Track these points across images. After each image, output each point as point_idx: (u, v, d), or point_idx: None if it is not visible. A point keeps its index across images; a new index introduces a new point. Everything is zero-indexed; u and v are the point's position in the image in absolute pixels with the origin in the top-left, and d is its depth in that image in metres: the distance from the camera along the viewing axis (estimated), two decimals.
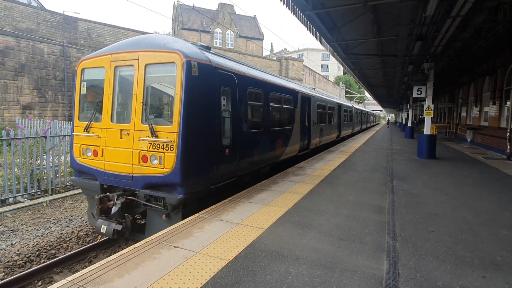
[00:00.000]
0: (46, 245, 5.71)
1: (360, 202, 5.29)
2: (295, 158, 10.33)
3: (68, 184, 8.99)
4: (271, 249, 3.47)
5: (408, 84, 17.19)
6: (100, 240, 5.69)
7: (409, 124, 23.00)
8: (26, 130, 8.16)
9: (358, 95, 66.75)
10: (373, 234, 3.92)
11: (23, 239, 5.93)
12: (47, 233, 6.27)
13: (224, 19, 49.85)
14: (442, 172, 8.30)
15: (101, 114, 5.24)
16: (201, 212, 4.73)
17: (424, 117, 11.56)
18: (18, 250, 5.46)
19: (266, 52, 61.83)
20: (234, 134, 5.90)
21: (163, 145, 4.65)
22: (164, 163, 4.64)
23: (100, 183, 5.25)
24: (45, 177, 8.36)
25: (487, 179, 7.46)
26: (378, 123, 74.09)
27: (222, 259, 3.24)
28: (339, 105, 17.89)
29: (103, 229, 4.92)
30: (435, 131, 20.85)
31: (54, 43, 21.39)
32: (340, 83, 59.29)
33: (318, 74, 55.10)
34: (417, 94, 12.21)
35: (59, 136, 8.82)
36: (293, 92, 9.65)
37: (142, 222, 5.80)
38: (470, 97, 18.49)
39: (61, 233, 6.23)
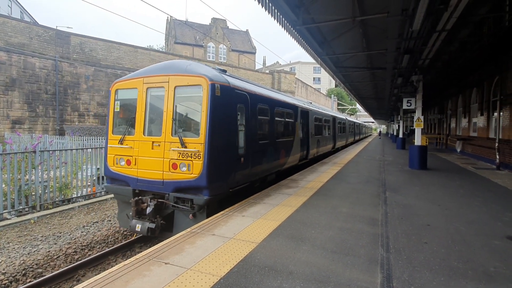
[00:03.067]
0: (33, 264, 5.53)
1: (353, 214, 5.28)
2: (296, 166, 11.11)
3: (57, 199, 8.80)
4: (264, 264, 3.41)
5: (398, 96, 17.51)
6: (135, 238, 6.56)
7: (400, 135, 23.30)
8: (15, 145, 8.02)
9: (350, 107, 67.65)
10: (366, 247, 3.89)
11: (9, 257, 5.73)
12: (34, 251, 6.08)
13: (217, 33, 50.57)
14: (434, 183, 8.37)
15: (134, 128, 6.08)
16: (193, 227, 4.66)
17: (415, 128, 11.73)
18: (3, 269, 5.27)
19: (258, 66, 62.64)
20: (247, 144, 6.74)
21: (191, 154, 5.50)
22: (192, 170, 5.48)
23: (133, 188, 5.98)
24: (33, 193, 8.18)
25: (478, 189, 7.53)
26: (370, 135, 74.87)
27: (214, 275, 3.17)
28: (334, 118, 18.78)
29: (138, 227, 5.66)
30: (426, 142, 21.12)
31: (46, 57, 21.35)
32: (332, 95, 60.07)
33: (310, 86, 55.87)
34: (407, 105, 12.42)
35: (49, 151, 8.68)
36: (294, 107, 10.50)
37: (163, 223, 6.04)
38: (459, 108, 18.87)
39: (49, 251, 6.05)
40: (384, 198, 6.50)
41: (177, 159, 5.60)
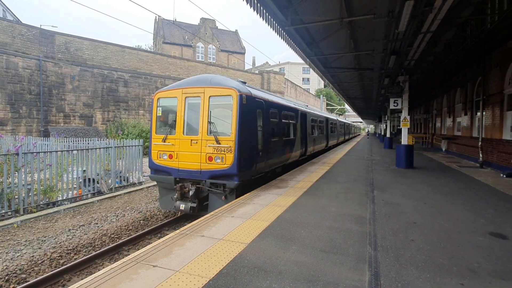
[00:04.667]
0: (16, 269, 5.37)
1: (342, 213, 5.33)
2: (297, 161, 12.76)
3: (41, 203, 8.59)
4: (253, 264, 3.40)
5: (385, 96, 17.79)
6: (179, 215, 8.22)
7: (388, 135, 23.68)
8: None
9: (339, 107, 68.33)
10: (355, 245, 3.93)
11: None
12: (18, 256, 5.91)
13: (206, 33, 50.32)
14: (420, 181, 8.53)
15: (174, 129, 7.55)
16: (182, 229, 4.62)
17: (402, 128, 11.93)
18: None
19: (248, 66, 62.60)
20: (263, 142, 8.33)
21: (224, 149, 7.01)
22: (225, 161, 6.99)
23: (174, 177, 7.47)
24: (16, 196, 7.95)
25: (462, 187, 7.72)
26: (359, 134, 75.84)
27: (203, 277, 3.14)
28: (327, 119, 20.42)
29: (182, 207, 7.17)
30: (412, 141, 21.52)
31: (30, 57, 20.81)
32: (321, 95, 60.54)
33: (300, 87, 56.17)
34: (394, 106, 12.63)
35: (32, 152, 8.46)
36: (295, 110, 12.07)
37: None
38: (444, 108, 19.30)
39: (33, 256, 5.89)
40: (372, 197, 6.59)
41: (212, 153, 7.13)
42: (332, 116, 26.30)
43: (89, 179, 10.50)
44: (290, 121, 11.33)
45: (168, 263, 3.46)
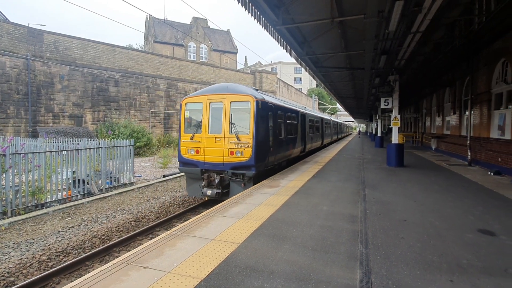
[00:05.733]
0: (4, 272, 5.25)
1: (334, 212, 5.35)
2: (298, 157, 14.49)
3: (29, 204, 8.41)
4: (245, 264, 3.39)
5: (376, 95, 17.96)
6: (206, 199, 9.88)
7: (379, 134, 23.92)
8: None
9: (331, 106, 68.71)
10: (346, 244, 3.95)
11: None
12: (5, 258, 5.77)
13: (198, 33, 50.05)
14: (410, 180, 8.63)
15: (201, 128, 8.90)
16: (173, 229, 4.57)
17: (392, 127, 12.06)
18: None
19: (240, 66, 62.53)
20: (273, 139, 9.85)
21: (243, 145, 8.42)
22: (244, 155, 8.39)
23: (201, 168, 8.83)
24: (3, 198, 7.77)
25: (452, 185, 7.84)
26: (351, 133, 76.39)
27: (195, 277, 3.11)
28: (322, 119, 22.11)
29: (209, 193, 8.52)
30: (403, 140, 21.79)
31: (18, 56, 20.37)
32: (313, 95, 60.76)
33: (292, 86, 56.29)
34: (385, 105, 12.76)
35: (20, 153, 8.28)
36: (296, 112, 13.55)
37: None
38: (433, 107, 19.58)
39: (21, 258, 5.77)
40: (363, 195, 6.63)
41: (233, 148, 8.49)
42: (326, 116, 27.33)
43: (78, 180, 10.33)
44: (293, 122, 12.85)
45: (159, 264, 3.42)
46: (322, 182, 8.23)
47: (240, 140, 8.44)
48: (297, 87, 68.24)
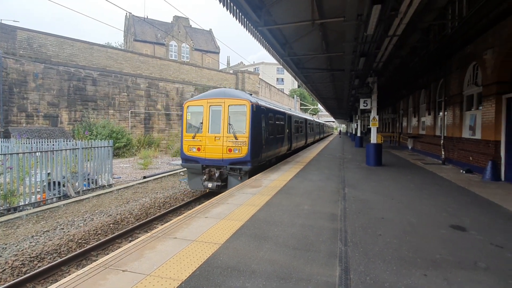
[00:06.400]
0: None
1: (315, 211, 5.43)
2: (285, 154, 15.89)
3: (1, 208, 8.02)
4: (226, 265, 3.38)
5: (356, 96, 18.38)
6: (208, 191, 10.65)
7: (358, 134, 24.46)
8: None
9: (312, 107, 69.64)
10: (326, 242, 4.02)
11: None
12: None
13: (179, 32, 49.40)
14: (388, 178, 8.89)
15: (201, 129, 9.96)
16: (153, 231, 4.50)
17: (371, 127, 12.37)
18: None
19: (222, 66, 62.22)
20: (265, 138, 11.05)
21: (240, 143, 9.56)
22: (241, 152, 9.55)
23: (201, 164, 9.92)
24: None
25: (427, 183, 8.14)
26: (332, 133, 77.65)
27: (175, 279, 3.08)
28: (305, 120, 23.61)
29: (210, 185, 9.63)
30: (381, 140, 22.37)
31: None
32: (295, 95, 61.46)
33: (274, 87, 56.61)
34: (364, 106, 13.08)
35: None
36: (284, 113, 14.89)
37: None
38: (410, 108, 20.25)
39: None
40: (343, 194, 6.77)
41: (231, 146, 9.64)
42: (309, 117, 28.44)
43: (54, 182, 9.95)
44: (281, 122, 14.17)
45: (138, 267, 3.35)
46: (304, 181, 8.34)
47: (237, 139, 9.58)
48: (279, 88, 68.72)
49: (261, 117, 10.62)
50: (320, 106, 67.72)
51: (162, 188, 12.54)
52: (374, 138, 12.03)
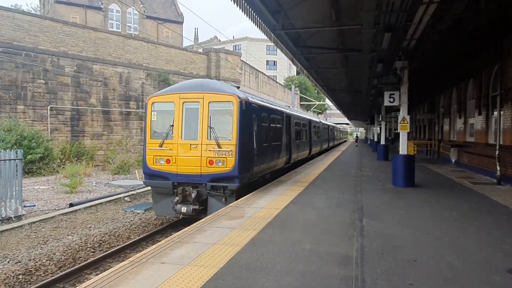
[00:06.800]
0: None
1: (319, 252, 5.53)
2: (282, 168, 16.97)
3: None
4: None
5: (379, 88, 18.80)
6: (181, 217, 10.85)
7: (382, 141, 24.98)
8: None
9: (317, 102, 70.55)
10: None
11: None
12: None
13: None
14: (422, 205, 9.13)
15: (172, 133, 10.54)
16: (85, 284, 4.47)
17: (399, 132, 12.69)
18: None
19: (188, 42, 62.43)
20: (258, 146, 12.00)
21: (225, 152, 10.16)
22: (226, 164, 10.14)
23: (172, 182, 10.47)
24: None
25: (476, 211, 8.42)
26: (345, 140, 78.87)
27: None
28: (309, 121, 25.69)
29: (184, 210, 10.12)
30: (414, 151, 22.90)
31: None
32: (293, 86, 62.21)
33: (262, 73, 57.17)
34: (390, 101, 13.42)
35: None
36: (281, 113, 16.58)
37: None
38: (453, 105, 20.84)
39: None
40: (360, 227, 6.92)
41: (213, 157, 10.20)
42: (314, 118, 30.16)
43: None
44: (277, 125, 15.51)
45: None
46: (305, 209, 8.45)
47: (221, 147, 10.20)
48: (271, 75, 69.50)
49: (253, 118, 11.39)
50: (328, 102, 68.80)
51: (97, 221, 12.39)
52: (404, 147, 12.33)
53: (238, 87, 11.92)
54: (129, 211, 13.92)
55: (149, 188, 13.04)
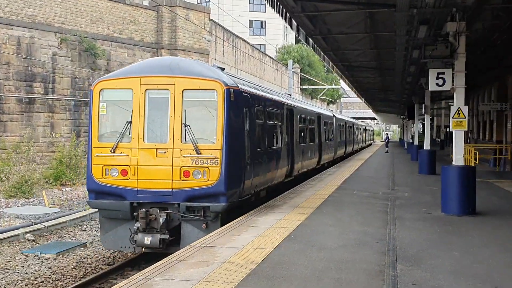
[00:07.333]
0: None
1: None
2: (282, 183, 18.39)
3: None
4: None
5: (421, 65, 18.85)
6: (144, 251, 11.08)
7: (426, 145, 24.92)
8: None
9: (327, 87, 70.68)
10: None
11: None
12: None
13: None
14: (487, 243, 9.09)
15: (130, 133, 10.80)
16: None
17: (452, 131, 12.67)
18: None
19: None
20: (251, 152, 12.78)
21: (207, 160, 10.53)
22: (208, 176, 10.50)
23: (130, 201, 10.73)
24: None
25: None
26: (371, 143, 79.17)
27: None
28: (319, 116, 27.11)
29: (148, 241, 10.24)
30: (475, 159, 22.90)
31: None
32: (290, 61, 62.03)
33: (243, 41, 57.01)
34: (437, 85, 13.39)
35: None
36: (280, 105, 17.95)
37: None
38: None
39: None
40: (392, 277, 6.83)
41: (190, 166, 10.62)
42: (326, 111, 32.02)
43: None
44: (275, 122, 16.74)
45: None
46: (307, 250, 8.34)
47: (201, 153, 10.65)
48: (256, 43, 69.44)
49: (244, 112, 12.01)
50: (344, 85, 68.99)
51: None
52: (459, 154, 12.30)
53: (222, 69, 12.30)
54: (32, 256, 13.62)
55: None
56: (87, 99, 32.33)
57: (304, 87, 72.43)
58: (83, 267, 12.13)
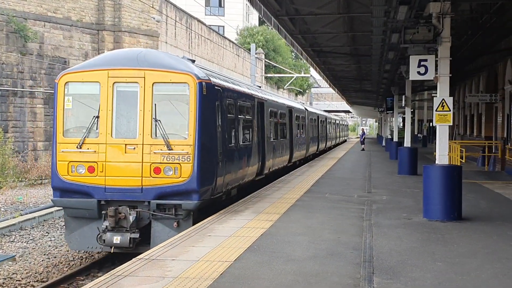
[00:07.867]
0: None
1: None
2: (253, 181, 20.11)
3: None
4: None
5: (400, 50, 19.08)
6: (113, 251, 12.00)
7: (406, 142, 25.20)
8: None
9: (296, 75, 70.87)
10: None
11: None
12: None
13: None
14: (474, 252, 9.25)
15: (97, 129, 11.72)
16: None
17: (436, 126, 12.83)
18: None
19: None
20: (223, 148, 14.04)
21: (179, 156, 11.69)
22: (180, 173, 11.66)
23: (98, 199, 11.73)
24: None
25: None
26: (345, 140, 79.80)
27: None
28: (290, 110, 28.58)
29: (117, 240, 11.24)
30: (461, 158, 23.22)
31: None
32: (253, 45, 61.98)
33: (199, 21, 56.86)
34: (419, 73, 13.54)
35: None
36: (251, 98, 19.44)
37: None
38: None
39: None
40: None
41: (160, 162, 11.58)
42: (298, 105, 33.36)
43: None
44: (246, 117, 17.95)
45: None
46: (272, 262, 8.35)
47: (172, 149, 11.69)
48: (213, 24, 69.28)
49: (216, 106, 13.19)
50: (315, 74, 69.20)
51: None
52: (443, 151, 12.47)
53: (193, 61, 13.10)
54: None
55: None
56: (16, 89, 31.94)
57: (269, 75, 72.54)
58: (11, 285, 11.92)
